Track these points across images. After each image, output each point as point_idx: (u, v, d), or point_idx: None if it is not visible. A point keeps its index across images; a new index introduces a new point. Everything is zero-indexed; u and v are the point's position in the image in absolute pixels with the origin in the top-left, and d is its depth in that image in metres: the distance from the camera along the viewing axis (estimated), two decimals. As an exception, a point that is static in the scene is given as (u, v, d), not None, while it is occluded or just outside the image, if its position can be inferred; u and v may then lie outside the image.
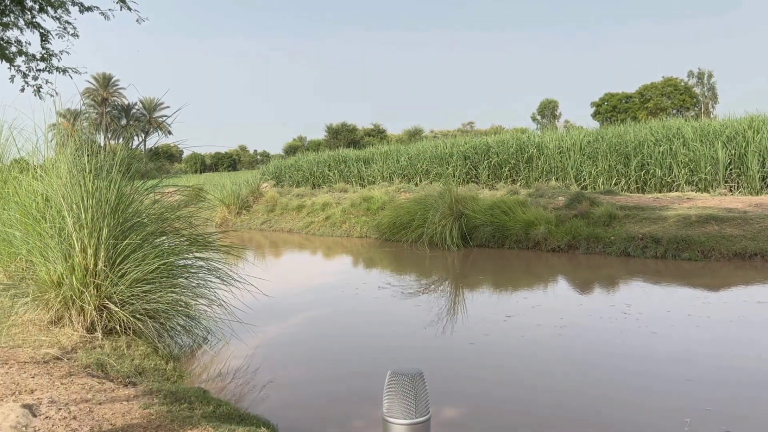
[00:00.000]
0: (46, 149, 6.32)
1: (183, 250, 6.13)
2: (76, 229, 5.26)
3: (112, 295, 5.24)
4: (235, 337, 5.92)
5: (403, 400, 1.72)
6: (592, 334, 6.09)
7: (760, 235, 9.81)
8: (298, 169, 25.94)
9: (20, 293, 5.48)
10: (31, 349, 4.74)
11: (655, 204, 12.49)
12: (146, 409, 3.60)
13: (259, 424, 3.67)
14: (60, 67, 9.16)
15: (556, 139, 19.17)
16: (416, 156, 22.04)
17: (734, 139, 15.48)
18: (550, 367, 5.14)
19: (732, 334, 5.73)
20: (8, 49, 8.83)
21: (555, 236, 11.38)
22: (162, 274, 5.59)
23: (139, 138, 64.62)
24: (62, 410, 3.48)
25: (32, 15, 8.53)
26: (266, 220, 19.04)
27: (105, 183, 5.54)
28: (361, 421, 4.15)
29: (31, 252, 5.53)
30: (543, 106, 76.85)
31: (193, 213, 6.72)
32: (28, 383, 3.94)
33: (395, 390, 1.73)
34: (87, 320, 5.20)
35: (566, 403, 4.35)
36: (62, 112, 6.54)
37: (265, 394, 4.69)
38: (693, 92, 68.72)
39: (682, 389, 4.47)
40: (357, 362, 5.52)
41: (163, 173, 8.12)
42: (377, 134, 73.88)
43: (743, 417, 3.85)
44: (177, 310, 5.64)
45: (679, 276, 8.89)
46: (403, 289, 8.69)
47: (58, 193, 5.40)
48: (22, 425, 3.23)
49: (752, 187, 14.69)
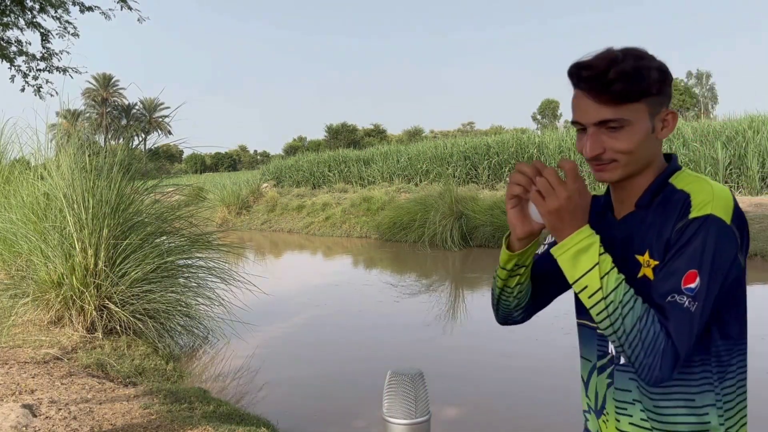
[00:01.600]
0: (47, 149, 6.33)
1: (183, 250, 6.13)
2: (76, 228, 5.26)
3: (112, 295, 5.24)
4: (236, 336, 5.92)
5: (403, 400, 1.73)
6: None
7: (760, 236, 9.81)
8: (298, 170, 25.93)
9: (21, 293, 5.47)
10: (31, 349, 4.73)
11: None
12: (146, 409, 3.60)
13: (259, 424, 3.67)
14: (60, 67, 9.16)
15: (557, 139, 19.18)
16: (416, 156, 22.04)
17: (734, 140, 15.47)
18: (552, 366, 5.14)
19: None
20: (8, 49, 8.83)
21: (555, 236, 11.36)
22: (162, 273, 5.59)
23: (139, 138, 64.63)
24: (62, 410, 3.48)
25: (32, 15, 8.53)
26: (266, 220, 19.04)
27: (105, 183, 5.55)
28: (361, 420, 4.15)
29: (32, 251, 5.53)
30: (543, 106, 76.89)
31: (193, 213, 6.72)
32: (29, 383, 3.94)
33: (395, 390, 1.73)
34: (87, 320, 5.19)
35: (569, 402, 4.35)
36: (62, 113, 6.54)
37: (265, 394, 4.69)
38: (693, 92, 68.72)
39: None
40: (357, 362, 5.51)
41: (163, 173, 8.13)
42: (377, 134, 73.96)
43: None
44: (177, 310, 5.64)
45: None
46: (404, 289, 8.69)
47: (60, 193, 5.40)
48: (22, 425, 3.23)
49: (752, 188, 14.68)
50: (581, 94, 1.12)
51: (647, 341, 1.02)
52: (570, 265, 1.08)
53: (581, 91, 1.12)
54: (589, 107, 1.10)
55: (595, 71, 1.08)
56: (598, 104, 1.09)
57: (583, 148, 1.12)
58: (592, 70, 1.09)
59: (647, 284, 1.09)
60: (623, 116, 1.09)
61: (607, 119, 1.09)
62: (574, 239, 1.07)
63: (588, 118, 1.11)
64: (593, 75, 1.08)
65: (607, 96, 1.08)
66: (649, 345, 1.02)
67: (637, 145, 1.11)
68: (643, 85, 1.09)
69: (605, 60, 1.08)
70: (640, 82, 1.08)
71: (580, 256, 1.07)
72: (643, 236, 1.13)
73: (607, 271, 1.05)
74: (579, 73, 1.11)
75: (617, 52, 1.09)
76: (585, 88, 1.11)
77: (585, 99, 1.11)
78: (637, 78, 1.08)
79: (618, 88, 1.07)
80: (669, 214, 1.10)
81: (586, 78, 1.09)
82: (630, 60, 1.08)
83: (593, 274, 1.05)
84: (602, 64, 1.08)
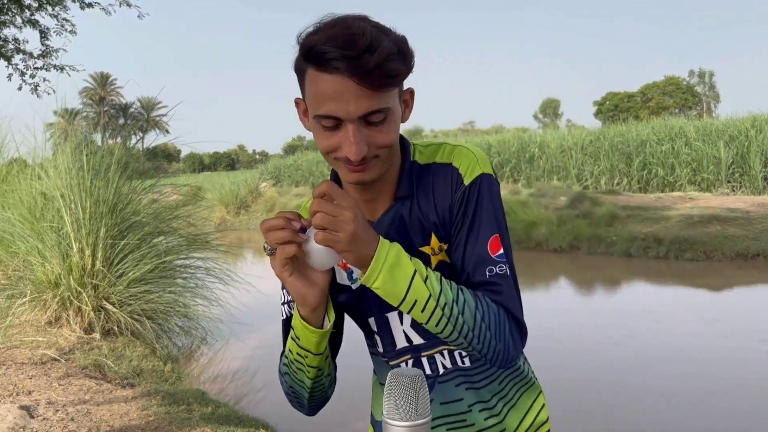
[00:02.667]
0: (44, 148, 6.29)
1: (181, 250, 6.09)
2: (74, 228, 5.22)
3: (110, 295, 5.20)
4: (234, 337, 5.87)
5: (403, 402, 1.69)
6: (600, 334, 6.05)
7: (763, 236, 9.76)
8: (297, 169, 25.91)
9: (18, 293, 5.44)
10: (28, 350, 4.70)
11: (657, 204, 12.45)
12: (144, 411, 3.57)
13: (257, 425, 3.63)
14: (58, 65, 9.13)
15: (558, 139, 19.14)
16: (416, 156, 22.00)
17: (736, 139, 15.43)
18: (554, 364, 5.09)
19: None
20: (6, 47, 8.79)
21: (557, 236, 11.33)
22: (160, 274, 5.55)
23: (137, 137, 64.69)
24: (60, 411, 3.45)
25: (30, 13, 8.50)
26: (265, 220, 19.01)
27: (103, 182, 5.51)
28: (361, 422, 4.10)
29: (29, 252, 5.49)
30: (545, 105, 76.91)
31: (191, 213, 6.68)
32: (26, 384, 3.91)
33: (396, 391, 1.69)
34: (85, 321, 5.16)
35: (574, 401, 4.31)
36: (60, 112, 6.50)
37: (264, 395, 4.65)
38: (695, 91, 68.74)
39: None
40: (357, 362, 5.46)
41: (161, 173, 8.08)
42: (377, 134, 73.81)
43: None
44: (175, 311, 5.60)
45: (681, 276, 8.85)
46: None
47: (57, 192, 5.37)
48: (19, 426, 3.20)
49: (755, 187, 14.64)
50: (336, 79, 0.87)
51: (493, 325, 0.92)
52: (390, 287, 0.88)
53: (336, 75, 0.87)
54: (350, 96, 0.87)
55: (357, 50, 0.85)
56: (362, 92, 0.87)
57: (340, 148, 0.91)
58: (353, 48, 0.85)
59: (450, 268, 1.00)
60: (387, 105, 0.90)
61: (372, 110, 0.89)
62: (381, 257, 0.87)
63: (350, 111, 0.88)
64: (355, 55, 0.85)
65: (373, 81, 0.86)
66: (496, 328, 0.93)
67: (396, 135, 0.96)
68: (407, 64, 0.91)
69: (363, 36, 0.86)
70: (407, 62, 0.91)
71: (395, 271, 0.88)
72: (421, 225, 1.01)
73: (425, 274, 0.90)
74: (334, 53, 0.86)
75: (364, 24, 0.88)
76: (345, 71, 0.86)
77: (343, 85, 0.86)
78: (402, 57, 0.90)
79: (388, 71, 0.87)
80: (440, 192, 1.00)
81: (346, 58, 0.85)
82: (384, 35, 0.89)
83: (417, 284, 0.89)
84: (361, 41, 0.85)
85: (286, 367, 1.05)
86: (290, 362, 1.03)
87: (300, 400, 1.09)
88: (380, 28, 0.91)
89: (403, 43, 0.92)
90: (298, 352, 0.99)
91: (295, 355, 1.00)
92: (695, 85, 69.53)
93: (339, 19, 0.90)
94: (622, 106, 68.62)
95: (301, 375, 1.03)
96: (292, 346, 1.00)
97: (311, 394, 1.07)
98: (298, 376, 1.03)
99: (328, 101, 0.89)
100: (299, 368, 1.02)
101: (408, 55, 0.92)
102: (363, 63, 0.85)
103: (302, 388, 1.05)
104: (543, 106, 77.28)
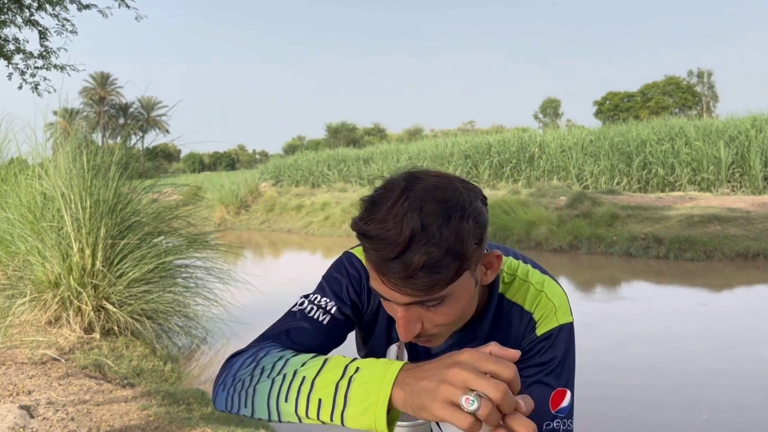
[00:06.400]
0: (44, 148, 6.28)
1: (181, 250, 6.09)
2: (74, 228, 5.22)
3: (110, 295, 5.20)
4: (235, 337, 5.87)
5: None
6: (600, 334, 6.04)
7: (763, 235, 9.76)
8: (297, 169, 25.91)
9: (18, 293, 5.43)
10: (28, 349, 4.69)
11: (657, 204, 12.45)
12: (144, 411, 3.56)
13: (258, 425, 3.63)
14: (58, 65, 9.12)
15: (558, 138, 19.14)
16: (416, 155, 22.04)
17: (737, 138, 15.43)
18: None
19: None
20: (6, 46, 8.79)
21: (557, 236, 11.34)
22: (160, 274, 5.55)
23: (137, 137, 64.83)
24: (60, 411, 3.45)
25: (30, 12, 8.50)
26: (265, 220, 19.00)
27: (103, 182, 5.51)
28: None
29: (29, 251, 5.49)
30: (545, 104, 76.89)
31: (192, 212, 6.67)
32: (26, 384, 3.90)
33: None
34: (85, 321, 5.15)
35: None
36: (60, 112, 6.50)
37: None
38: (695, 91, 68.73)
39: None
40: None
41: (161, 173, 8.08)
42: (377, 133, 73.94)
43: None
44: (175, 311, 5.60)
45: (681, 276, 8.85)
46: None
47: (57, 192, 5.36)
48: (19, 426, 3.19)
49: (755, 187, 14.64)
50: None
51: None
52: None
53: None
54: (393, 287, 0.80)
55: (388, 254, 0.76)
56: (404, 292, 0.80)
57: (396, 328, 0.86)
58: (384, 250, 0.76)
59: None
60: (441, 294, 0.81)
61: (420, 301, 0.81)
62: None
63: (395, 297, 0.82)
64: (386, 259, 0.77)
65: (404, 292, 0.79)
66: None
67: (463, 310, 0.87)
68: (462, 264, 0.80)
69: (400, 235, 0.75)
70: (461, 262, 0.79)
71: None
72: None
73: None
74: (370, 244, 0.79)
75: (414, 213, 0.76)
76: (378, 271, 0.80)
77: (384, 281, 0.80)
78: (453, 258, 0.78)
79: (423, 284, 0.78)
80: (511, 332, 0.98)
81: (380, 260, 0.78)
82: (436, 229, 0.76)
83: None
84: (396, 245, 0.75)
85: (265, 379, 0.87)
86: (283, 386, 0.83)
87: (247, 412, 0.90)
88: (441, 211, 0.78)
89: (467, 238, 0.78)
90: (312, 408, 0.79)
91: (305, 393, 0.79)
92: (695, 85, 69.52)
93: (388, 199, 0.80)
94: (622, 105, 68.61)
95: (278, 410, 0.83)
96: (326, 395, 0.77)
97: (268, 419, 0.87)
98: (275, 405, 0.83)
99: (375, 281, 0.83)
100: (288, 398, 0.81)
101: (467, 252, 0.79)
102: (393, 272, 0.78)
103: (262, 413, 0.86)
104: (543, 106, 77.25)
